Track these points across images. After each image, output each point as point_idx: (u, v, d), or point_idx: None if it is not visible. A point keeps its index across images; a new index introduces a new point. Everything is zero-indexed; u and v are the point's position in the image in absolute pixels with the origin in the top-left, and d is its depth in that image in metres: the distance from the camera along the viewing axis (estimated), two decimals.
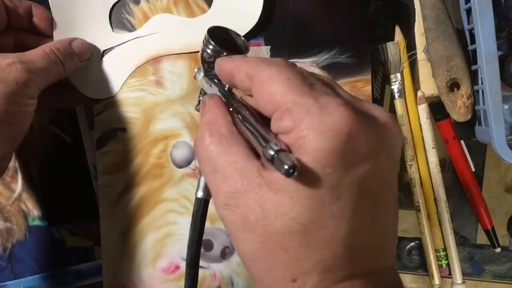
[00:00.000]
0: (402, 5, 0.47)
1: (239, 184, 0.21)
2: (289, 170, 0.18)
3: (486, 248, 0.48)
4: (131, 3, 0.43)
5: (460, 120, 0.45)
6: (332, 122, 0.19)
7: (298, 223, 0.19)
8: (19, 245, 0.44)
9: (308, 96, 0.20)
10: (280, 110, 0.20)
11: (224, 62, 0.25)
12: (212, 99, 0.25)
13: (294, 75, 0.21)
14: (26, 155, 0.44)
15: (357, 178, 0.19)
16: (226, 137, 0.22)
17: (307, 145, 0.19)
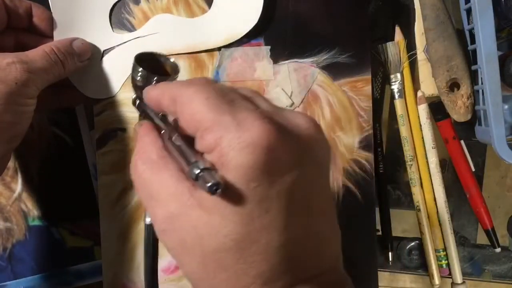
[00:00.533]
0: (402, 5, 0.47)
1: (173, 207, 0.21)
2: (212, 187, 0.18)
3: (486, 248, 0.48)
4: (131, 3, 0.43)
5: (460, 120, 0.45)
6: (249, 137, 0.19)
7: (231, 240, 0.20)
8: (19, 245, 0.44)
9: (227, 113, 0.20)
10: (201, 129, 0.21)
11: (150, 90, 0.26)
12: (141, 127, 0.26)
13: (213, 94, 0.21)
14: (26, 155, 0.44)
15: (283, 188, 0.20)
16: (157, 163, 0.23)
17: (229, 162, 0.19)
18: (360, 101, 0.44)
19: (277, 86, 0.44)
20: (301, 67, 0.44)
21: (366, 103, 0.44)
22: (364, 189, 0.44)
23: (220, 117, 0.20)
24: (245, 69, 0.43)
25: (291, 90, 0.44)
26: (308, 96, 0.44)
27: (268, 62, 0.44)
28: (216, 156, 0.20)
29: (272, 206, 0.20)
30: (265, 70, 0.44)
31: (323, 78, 0.44)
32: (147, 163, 0.23)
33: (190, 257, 0.21)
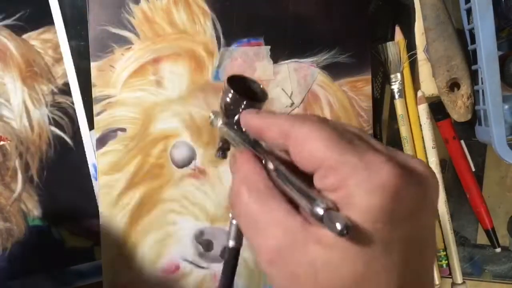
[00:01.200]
0: (402, 5, 0.47)
1: (284, 239, 0.21)
2: (343, 230, 0.18)
3: (486, 248, 0.48)
4: (131, 3, 0.42)
5: (460, 120, 0.45)
6: (379, 179, 0.20)
7: (350, 279, 0.20)
8: (19, 245, 0.44)
9: (352, 153, 0.20)
10: (323, 168, 0.21)
11: (252, 118, 0.25)
12: (242, 154, 0.25)
13: (332, 132, 0.21)
14: (26, 155, 0.44)
15: (406, 232, 0.20)
16: (265, 193, 0.22)
17: (356, 203, 0.19)
18: (360, 101, 0.44)
19: (277, 86, 0.44)
20: (301, 67, 0.44)
21: (366, 103, 0.44)
22: None
23: (346, 157, 0.20)
24: (245, 69, 0.43)
25: (291, 90, 0.44)
26: (308, 96, 0.44)
27: (268, 62, 0.44)
28: (341, 195, 0.20)
29: (394, 248, 0.20)
30: (265, 70, 0.44)
31: (323, 78, 0.44)
32: (253, 192, 0.23)
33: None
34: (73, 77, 0.44)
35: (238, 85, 0.28)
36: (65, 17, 0.44)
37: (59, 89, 0.44)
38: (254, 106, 0.28)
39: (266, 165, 0.24)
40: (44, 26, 0.44)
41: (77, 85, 0.44)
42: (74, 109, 0.44)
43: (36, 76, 0.44)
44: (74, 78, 0.44)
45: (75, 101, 0.44)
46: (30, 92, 0.44)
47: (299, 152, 0.22)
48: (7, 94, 0.44)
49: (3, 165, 0.44)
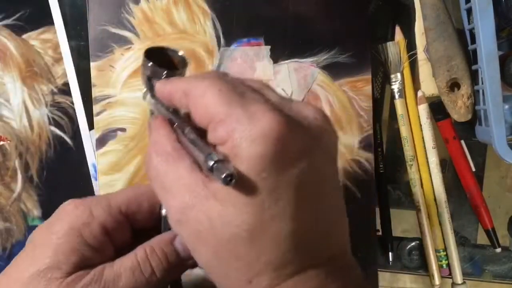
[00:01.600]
0: (402, 5, 0.47)
1: (187, 198, 0.21)
2: (226, 178, 0.19)
3: (486, 248, 0.48)
4: (131, 3, 0.42)
5: (460, 120, 0.45)
6: (260, 128, 0.20)
7: (243, 230, 0.20)
8: (18, 245, 0.44)
9: (239, 105, 0.21)
10: (214, 122, 0.21)
11: (162, 86, 0.26)
12: (156, 120, 0.26)
13: (225, 86, 0.22)
14: (26, 155, 0.44)
15: (292, 178, 0.20)
16: (171, 155, 0.23)
17: (241, 154, 0.20)
18: (360, 101, 0.44)
19: (277, 86, 0.44)
20: (301, 67, 0.44)
21: (366, 103, 0.44)
22: (364, 189, 0.44)
23: (233, 110, 0.21)
24: (245, 69, 0.43)
25: (291, 90, 0.44)
26: (308, 96, 0.44)
27: (268, 62, 0.44)
28: (229, 147, 0.21)
29: (282, 195, 0.20)
30: (265, 70, 0.44)
31: (323, 78, 0.44)
32: (161, 155, 0.23)
33: (205, 247, 0.22)
34: (73, 77, 0.44)
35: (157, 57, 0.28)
36: (65, 17, 0.44)
37: (59, 89, 0.44)
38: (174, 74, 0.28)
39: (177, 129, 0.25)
40: (44, 26, 0.44)
41: (77, 85, 0.44)
42: (74, 109, 0.44)
43: (36, 76, 0.44)
44: (74, 78, 0.44)
45: (75, 101, 0.44)
46: (30, 92, 0.44)
47: (196, 109, 0.23)
48: (7, 94, 0.44)
49: (3, 165, 0.44)
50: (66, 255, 0.25)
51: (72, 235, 0.25)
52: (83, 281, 0.24)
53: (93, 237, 0.26)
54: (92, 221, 0.26)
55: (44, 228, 0.26)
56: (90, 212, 0.26)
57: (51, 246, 0.25)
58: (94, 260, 0.26)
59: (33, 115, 0.44)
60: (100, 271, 0.25)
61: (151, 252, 0.26)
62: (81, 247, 0.25)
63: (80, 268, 0.25)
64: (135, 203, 0.28)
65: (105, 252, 0.26)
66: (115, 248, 0.27)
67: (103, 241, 0.26)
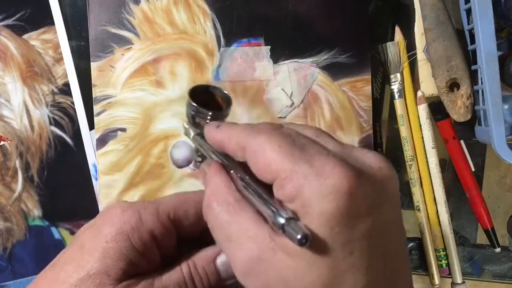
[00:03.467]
0: (402, 5, 0.47)
1: (254, 251, 0.21)
2: (302, 239, 0.19)
3: (486, 248, 0.48)
4: (131, 3, 0.43)
5: (460, 120, 0.45)
6: (331, 184, 0.20)
7: (319, 283, 0.20)
8: (19, 245, 0.44)
9: (303, 161, 0.21)
10: (279, 179, 0.21)
11: (213, 133, 0.26)
12: (211, 167, 0.26)
13: (284, 141, 0.22)
14: (26, 155, 0.44)
15: (365, 231, 0.21)
16: (233, 205, 0.23)
17: (313, 211, 0.20)
18: (360, 101, 0.44)
19: (277, 86, 0.44)
20: (301, 67, 0.44)
21: (366, 103, 0.44)
22: None
23: (298, 166, 0.21)
24: (245, 69, 0.44)
25: (291, 90, 0.44)
26: (308, 96, 0.44)
27: (268, 62, 0.44)
28: (298, 205, 0.20)
29: (355, 248, 0.20)
30: (265, 70, 0.44)
31: (323, 78, 0.44)
32: (223, 205, 0.23)
33: None
34: (73, 77, 0.44)
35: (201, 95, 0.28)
36: (65, 17, 0.44)
37: (59, 89, 0.44)
38: (219, 115, 0.28)
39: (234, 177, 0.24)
40: (45, 26, 0.44)
41: (77, 85, 0.44)
42: (74, 109, 0.44)
43: (37, 76, 0.44)
44: (74, 78, 0.44)
45: (75, 101, 0.44)
46: (30, 92, 0.44)
47: (256, 164, 0.22)
48: (7, 94, 0.44)
49: (4, 165, 0.44)
50: (114, 260, 0.24)
51: (120, 240, 0.25)
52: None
53: (142, 243, 0.25)
54: (141, 226, 0.25)
55: (91, 230, 0.26)
56: (139, 216, 0.25)
57: (99, 249, 0.24)
58: (141, 267, 0.25)
59: (34, 115, 0.44)
60: (150, 283, 0.25)
61: (194, 270, 0.26)
62: (129, 253, 0.25)
63: (127, 274, 0.24)
64: (182, 209, 0.27)
65: (152, 258, 0.26)
66: (162, 255, 0.27)
67: (150, 247, 0.26)
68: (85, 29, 0.43)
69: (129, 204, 0.26)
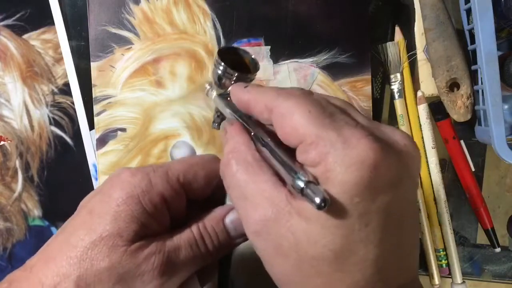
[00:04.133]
0: (402, 5, 0.47)
1: (269, 212, 0.21)
2: (321, 203, 0.19)
3: (486, 248, 0.48)
4: (131, 3, 0.43)
5: (460, 120, 0.45)
6: (356, 154, 0.20)
7: (330, 250, 0.20)
8: (19, 245, 0.44)
9: (331, 128, 0.21)
10: (305, 143, 0.21)
11: (240, 93, 0.26)
12: (232, 126, 0.26)
13: (314, 107, 0.22)
14: (26, 155, 0.44)
15: (383, 205, 0.21)
16: (252, 165, 0.23)
17: (335, 178, 0.20)
18: (360, 101, 0.44)
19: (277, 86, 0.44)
20: (301, 67, 0.44)
21: (366, 103, 0.44)
22: None
23: (325, 132, 0.21)
24: None
25: None
26: None
27: (268, 62, 0.44)
28: (320, 170, 0.20)
29: (371, 220, 0.20)
30: (265, 70, 0.44)
31: (323, 78, 0.44)
32: (242, 164, 0.23)
33: (284, 260, 0.21)
34: (73, 77, 0.44)
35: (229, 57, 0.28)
36: (65, 17, 0.44)
37: (59, 89, 0.44)
38: (245, 78, 0.28)
39: (255, 138, 0.24)
40: (45, 26, 0.44)
41: (77, 85, 0.44)
42: (74, 109, 0.44)
43: (37, 76, 0.44)
44: (74, 78, 0.44)
45: (75, 101, 0.44)
46: (30, 92, 0.44)
47: (282, 127, 0.22)
48: (7, 94, 0.44)
49: (4, 165, 0.44)
50: (127, 222, 0.24)
51: (131, 203, 0.25)
52: (146, 251, 0.24)
53: (152, 206, 0.25)
54: (151, 189, 0.25)
55: (100, 196, 0.26)
56: (148, 180, 0.26)
57: (110, 213, 0.24)
58: (152, 229, 0.25)
59: (34, 115, 0.44)
60: (162, 243, 0.25)
61: (204, 230, 0.27)
62: (140, 216, 0.25)
63: (140, 236, 0.25)
64: (191, 172, 0.27)
65: (163, 221, 0.26)
66: (171, 217, 0.27)
67: (161, 209, 0.26)
68: (85, 29, 0.43)
69: (137, 168, 0.27)
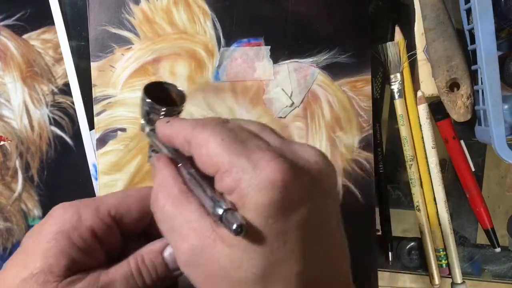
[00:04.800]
0: (402, 5, 0.47)
1: (196, 241, 0.22)
2: (237, 229, 0.20)
3: (486, 248, 0.48)
4: (131, 3, 0.43)
5: (460, 120, 0.45)
6: (266, 177, 0.21)
7: (253, 273, 0.21)
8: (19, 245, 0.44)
9: (242, 155, 0.22)
10: (220, 172, 0.22)
11: (163, 128, 0.27)
12: (160, 160, 0.26)
13: (227, 135, 0.23)
14: (26, 155, 0.44)
15: (298, 222, 0.22)
16: (179, 197, 0.24)
17: (249, 203, 0.21)
18: (360, 101, 0.44)
19: (277, 86, 0.44)
20: (301, 67, 0.44)
21: (366, 103, 0.44)
22: (364, 189, 0.44)
23: (237, 159, 0.22)
24: (245, 69, 0.44)
25: (291, 90, 0.44)
26: (308, 96, 0.44)
27: (268, 62, 0.44)
28: (236, 197, 0.21)
29: (288, 238, 0.21)
30: (265, 70, 0.44)
31: (323, 78, 0.44)
32: (169, 198, 0.24)
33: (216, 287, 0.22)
34: (73, 77, 0.44)
35: (156, 91, 0.28)
36: (65, 17, 0.44)
37: (59, 89, 0.44)
38: (173, 111, 0.29)
39: (182, 169, 0.25)
40: (45, 26, 0.44)
41: (77, 85, 0.44)
42: (74, 109, 0.44)
43: (37, 76, 0.44)
44: (74, 78, 0.44)
45: (75, 101, 0.44)
46: (30, 92, 0.44)
47: (199, 158, 0.23)
48: (7, 94, 0.44)
49: (4, 165, 0.44)
50: (56, 258, 0.25)
51: (61, 238, 0.25)
52: (78, 286, 0.24)
53: (82, 240, 0.25)
54: (81, 224, 0.26)
55: (34, 232, 0.26)
56: (78, 215, 0.26)
57: (41, 249, 0.25)
58: (85, 264, 0.26)
59: (34, 115, 0.44)
60: (96, 277, 0.25)
61: (142, 263, 0.26)
62: (70, 250, 0.25)
63: (72, 271, 0.25)
64: (124, 206, 0.28)
65: (96, 255, 0.26)
66: (106, 252, 0.27)
67: (92, 244, 0.26)
68: (85, 29, 0.43)
69: (70, 203, 0.27)
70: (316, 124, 0.44)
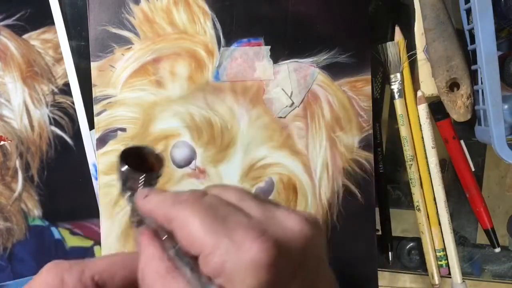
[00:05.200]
0: (402, 5, 0.47)
1: None
2: None
3: (486, 248, 0.48)
4: (131, 3, 0.43)
5: (460, 120, 0.45)
6: (250, 259, 0.21)
7: None
8: (19, 245, 0.44)
9: (224, 235, 0.22)
10: (203, 255, 0.22)
11: (142, 204, 0.26)
12: (143, 236, 0.26)
13: (207, 214, 0.23)
14: (26, 155, 0.44)
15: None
16: (165, 277, 0.24)
17: (238, 285, 0.21)
18: (360, 101, 0.44)
19: (277, 86, 0.44)
20: (301, 67, 0.44)
21: (366, 103, 0.44)
22: (364, 189, 0.44)
23: (219, 241, 0.21)
24: (245, 69, 0.44)
25: (291, 90, 0.44)
26: (308, 96, 0.44)
27: (268, 62, 0.44)
28: (223, 280, 0.21)
29: None
30: (265, 70, 0.44)
31: (323, 78, 0.44)
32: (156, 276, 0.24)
33: None
34: (73, 77, 0.44)
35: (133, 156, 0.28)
36: (65, 17, 0.44)
37: (59, 89, 0.44)
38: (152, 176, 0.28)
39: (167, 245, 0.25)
40: (45, 26, 0.44)
41: (77, 85, 0.44)
42: (74, 109, 0.44)
43: (37, 76, 0.44)
44: (74, 78, 0.44)
45: (75, 101, 0.44)
46: (30, 92, 0.44)
47: (182, 238, 0.23)
48: (7, 94, 0.44)
49: (4, 165, 0.44)
50: None
51: None
52: None
53: None
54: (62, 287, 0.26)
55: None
56: (61, 278, 0.26)
57: None
58: None
59: (34, 115, 0.44)
60: None
61: None
62: None
63: None
64: (108, 273, 0.27)
65: None
66: None
67: None
68: (85, 29, 0.43)
69: (56, 264, 0.27)
70: (316, 124, 0.44)
